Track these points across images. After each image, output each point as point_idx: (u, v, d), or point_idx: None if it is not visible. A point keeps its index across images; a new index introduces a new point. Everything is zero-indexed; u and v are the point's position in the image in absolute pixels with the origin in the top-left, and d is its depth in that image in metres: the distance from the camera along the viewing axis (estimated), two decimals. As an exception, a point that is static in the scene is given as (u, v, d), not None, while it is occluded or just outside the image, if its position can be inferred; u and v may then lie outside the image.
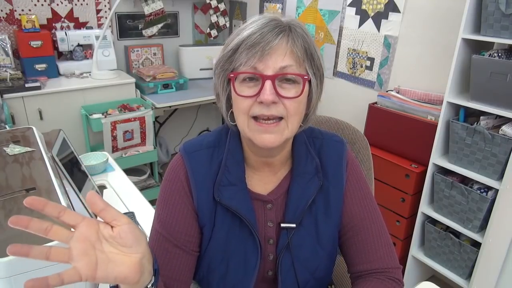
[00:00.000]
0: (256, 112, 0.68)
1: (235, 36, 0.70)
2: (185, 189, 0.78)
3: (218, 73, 0.73)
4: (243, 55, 0.67)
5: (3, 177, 0.89)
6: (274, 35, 0.66)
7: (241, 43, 0.67)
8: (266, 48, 0.66)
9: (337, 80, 2.56)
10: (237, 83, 0.69)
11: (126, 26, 2.93)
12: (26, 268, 0.65)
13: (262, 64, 0.66)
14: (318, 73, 0.73)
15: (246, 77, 0.68)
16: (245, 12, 3.21)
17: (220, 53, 0.73)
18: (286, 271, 0.79)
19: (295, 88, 0.69)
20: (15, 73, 2.29)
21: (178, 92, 2.82)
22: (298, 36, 0.69)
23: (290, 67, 0.67)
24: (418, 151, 1.88)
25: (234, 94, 0.70)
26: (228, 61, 0.70)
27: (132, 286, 0.56)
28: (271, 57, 0.66)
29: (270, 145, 0.70)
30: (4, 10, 2.43)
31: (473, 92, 1.61)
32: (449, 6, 1.88)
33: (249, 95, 0.68)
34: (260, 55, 0.66)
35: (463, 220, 1.74)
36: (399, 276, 0.81)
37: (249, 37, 0.67)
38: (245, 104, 0.69)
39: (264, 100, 0.66)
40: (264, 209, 0.80)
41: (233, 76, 0.69)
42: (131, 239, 0.54)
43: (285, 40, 0.67)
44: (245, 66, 0.67)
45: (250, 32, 0.67)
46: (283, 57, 0.67)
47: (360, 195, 0.83)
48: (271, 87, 0.66)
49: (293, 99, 0.68)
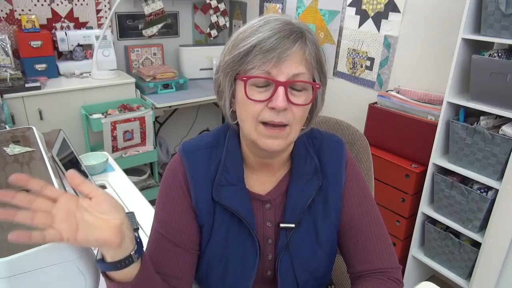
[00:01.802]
0: (266, 118, 0.67)
1: (245, 36, 0.68)
2: (183, 189, 0.78)
3: (226, 72, 0.71)
4: (258, 58, 0.66)
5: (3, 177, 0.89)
6: (291, 41, 0.66)
7: (256, 45, 0.66)
8: (283, 55, 0.65)
9: (337, 80, 2.56)
10: (248, 86, 0.68)
11: (126, 26, 2.93)
12: (26, 268, 0.65)
13: (277, 70, 0.66)
14: (325, 80, 0.74)
15: (258, 82, 0.67)
16: (245, 12, 3.21)
17: (227, 51, 0.71)
18: (285, 271, 0.79)
19: (304, 96, 0.69)
20: (15, 73, 2.29)
21: (178, 92, 2.82)
22: (312, 43, 0.69)
23: (302, 75, 0.67)
24: (418, 151, 1.88)
25: (243, 98, 0.68)
26: (239, 62, 0.68)
27: (114, 250, 0.60)
28: (286, 64, 0.66)
29: (276, 149, 0.70)
30: (4, 10, 2.43)
31: (473, 92, 1.61)
32: (449, 6, 1.88)
33: (260, 99, 0.67)
34: (276, 61, 0.65)
35: (463, 220, 1.74)
36: (399, 276, 0.81)
37: (266, 41, 0.65)
38: (255, 109, 0.68)
39: (277, 106, 0.66)
40: (263, 209, 0.80)
41: (245, 79, 0.67)
42: (108, 206, 0.60)
43: (302, 48, 0.67)
44: (258, 70, 0.66)
45: (266, 35, 0.66)
46: (298, 65, 0.67)
47: (360, 196, 0.83)
48: (284, 94, 0.66)
49: (301, 106, 0.68)
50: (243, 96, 0.69)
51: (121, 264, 0.62)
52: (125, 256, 0.62)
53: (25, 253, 0.64)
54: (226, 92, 0.73)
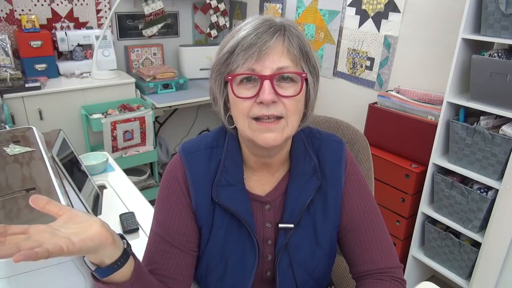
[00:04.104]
0: (256, 113, 0.68)
1: (229, 39, 0.70)
2: (182, 189, 0.78)
3: (215, 76, 0.73)
4: (240, 56, 0.67)
5: (3, 177, 0.89)
6: (269, 35, 0.66)
7: (237, 45, 0.67)
8: (263, 48, 0.66)
9: (337, 80, 2.56)
10: (235, 85, 0.69)
11: (126, 26, 2.93)
12: (26, 268, 0.65)
13: (260, 65, 0.66)
14: (314, 72, 0.74)
15: (243, 79, 0.68)
16: (245, 12, 3.21)
17: (215, 57, 0.73)
18: (284, 271, 0.79)
19: (293, 87, 0.69)
20: (15, 73, 2.29)
21: (178, 92, 2.82)
22: (293, 35, 0.69)
23: (287, 68, 0.68)
24: (418, 151, 1.88)
25: (233, 97, 0.70)
26: (224, 64, 0.70)
27: (111, 247, 0.60)
28: (268, 57, 0.66)
29: (272, 143, 0.69)
30: (4, 10, 2.43)
31: (473, 92, 1.61)
32: (449, 6, 1.88)
33: (248, 96, 0.68)
34: (257, 56, 0.66)
35: (463, 220, 1.74)
36: (401, 275, 0.81)
37: (245, 39, 0.67)
38: (245, 106, 0.68)
39: (264, 100, 0.66)
40: (262, 210, 0.80)
41: (230, 78, 0.68)
42: (82, 216, 0.59)
43: (281, 40, 0.68)
44: (242, 68, 0.67)
45: (245, 33, 0.67)
46: (279, 57, 0.67)
47: (360, 196, 0.83)
48: (270, 87, 0.66)
49: (292, 98, 0.68)
50: (232, 96, 0.70)
51: (120, 261, 0.62)
52: (122, 252, 0.62)
53: (25, 253, 0.64)
54: (219, 97, 0.74)
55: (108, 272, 0.61)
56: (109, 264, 0.61)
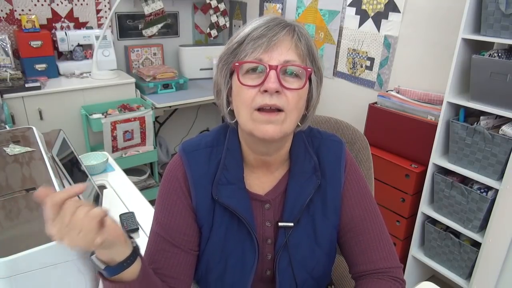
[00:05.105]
0: (259, 102, 0.68)
1: (240, 31, 0.71)
2: (182, 189, 0.78)
3: (221, 66, 0.73)
4: (249, 46, 0.68)
5: (3, 177, 0.89)
6: (280, 28, 0.68)
7: (247, 36, 0.69)
8: (273, 39, 0.67)
9: (337, 80, 2.56)
10: (241, 75, 0.69)
11: (126, 26, 2.93)
12: (26, 268, 0.65)
13: (268, 55, 0.67)
14: (319, 73, 0.75)
15: (250, 68, 0.69)
16: (245, 12, 3.21)
17: (225, 47, 0.74)
18: (283, 270, 0.79)
19: (297, 82, 0.70)
20: (15, 73, 2.29)
21: (178, 92, 2.82)
22: (302, 34, 0.71)
23: (294, 62, 0.69)
24: (418, 151, 1.88)
25: (237, 85, 0.70)
26: (232, 54, 0.71)
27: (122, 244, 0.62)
28: (277, 49, 0.67)
29: (271, 135, 0.69)
30: (4, 10, 2.43)
31: (473, 92, 1.61)
32: (449, 6, 1.88)
33: (253, 84, 0.68)
34: (266, 46, 0.67)
35: (463, 220, 1.74)
36: (401, 275, 0.81)
37: (255, 30, 0.68)
38: (249, 95, 0.68)
39: (268, 88, 0.66)
40: (262, 209, 0.80)
41: (237, 65, 0.69)
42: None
43: (291, 35, 0.69)
44: (250, 57, 0.68)
45: (256, 25, 0.69)
46: (287, 50, 0.68)
47: (360, 196, 0.83)
48: (275, 76, 0.67)
49: (295, 91, 0.69)
50: (237, 84, 0.70)
51: (130, 259, 0.63)
52: (132, 249, 0.63)
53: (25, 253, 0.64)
54: (223, 88, 0.74)
55: (119, 269, 0.62)
56: (120, 262, 0.62)
